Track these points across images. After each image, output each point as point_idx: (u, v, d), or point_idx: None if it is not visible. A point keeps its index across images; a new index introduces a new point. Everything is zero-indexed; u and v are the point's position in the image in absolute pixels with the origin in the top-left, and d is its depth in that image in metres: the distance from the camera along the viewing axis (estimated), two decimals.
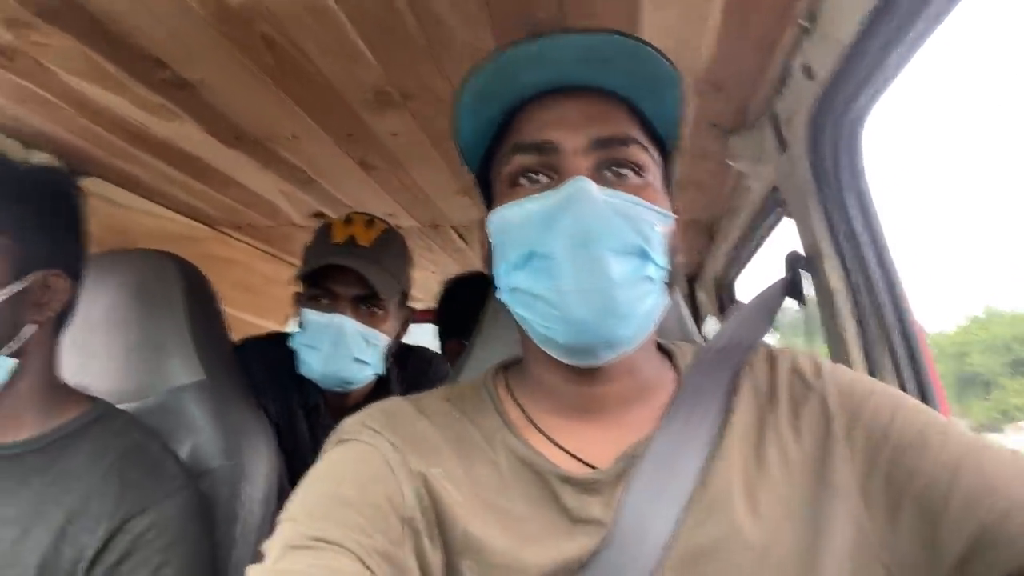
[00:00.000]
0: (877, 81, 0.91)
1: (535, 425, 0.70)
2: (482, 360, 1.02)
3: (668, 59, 0.65)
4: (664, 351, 0.77)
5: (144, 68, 1.11)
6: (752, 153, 1.32)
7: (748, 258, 1.97)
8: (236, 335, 1.45)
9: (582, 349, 0.65)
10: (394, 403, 0.73)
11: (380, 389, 1.49)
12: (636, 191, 0.65)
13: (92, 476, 0.89)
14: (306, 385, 1.45)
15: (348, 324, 1.33)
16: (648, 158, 0.68)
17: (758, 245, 1.82)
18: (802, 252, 1.15)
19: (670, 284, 0.70)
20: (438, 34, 1.00)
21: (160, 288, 1.21)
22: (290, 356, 1.41)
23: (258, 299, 2.47)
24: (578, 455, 0.67)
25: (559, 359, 0.67)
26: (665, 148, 0.73)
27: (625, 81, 0.67)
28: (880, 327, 1.03)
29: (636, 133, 0.68)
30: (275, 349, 1.47)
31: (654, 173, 0.69)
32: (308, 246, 1.44)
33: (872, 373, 1.01)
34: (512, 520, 0.64)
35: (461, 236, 2.16)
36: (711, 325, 2.40)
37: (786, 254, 1.12)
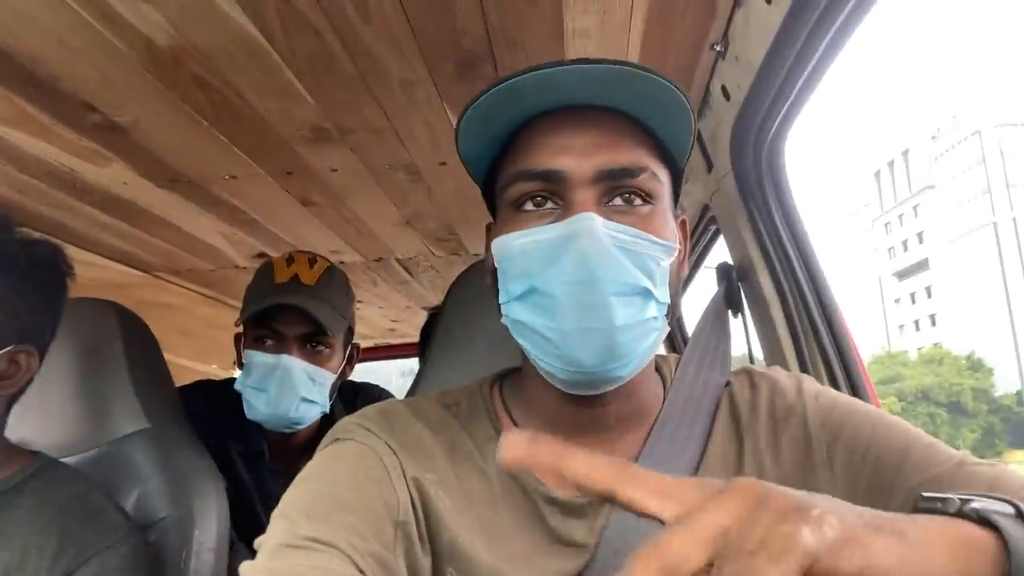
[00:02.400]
0: (789, 99, 0.96)
1: None
2: (433, 379, 1.04)
3: (680, 89, 0.62)
4: (655, 366, 0.77)
5: (73, 112, 1.10)
6: (683, 174, 1.37)
7: (689, 278, 2.03)
8: (179, 382, 1.42)
9: (581, 384, 0.64)
10: (391, 405, 0.72)
11: (325, 428, 1.46)
12: (644, 222, 0.63)
13: (31, 530, 0.87)
14: (246, 431, 1.42)
15: (295, 364, 1.32)
16: (657, 184, 0.65)
17: (698, 263, 1.87)
18: (732, 263, 1.20)
19: (670, 313, 0.68)
20: (371, 68, 1.02)
21: (99, 336, 1.19)
22: (225, 402, 1.38)
23: (200, 344, 2.42)
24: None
25: (557, 388, 0.66)
26: (675, 166, 0.70)
27: (635, 102, 0.64)
28: (812, 332, 1.07)
29: (647, 159, 0.64)
30: (210, 396, 1.45)
31: (664, 198, 0.66)
32: (250, 287, 1.43)
33: (805, 373, 1.05)
34: (498, 534, 0.64)
35: (406, 268, 2.16)
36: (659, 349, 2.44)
37: (717, 267, 1.17)
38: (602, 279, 0.60)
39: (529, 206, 0.65)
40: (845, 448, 0.65)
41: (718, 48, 0.99)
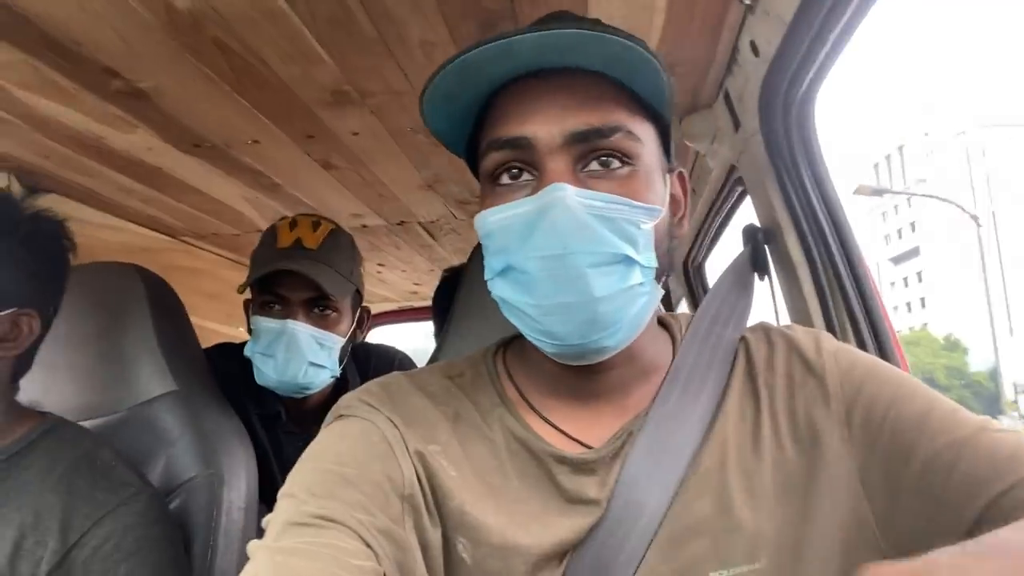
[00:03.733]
0: (821, 56, 0.93)
1: (531, 405, 0.69)
2: (457, 345, 1.04)
3: (649, 49, 0.60)
4: (662, 323, 0.76)
5: (96, 79, 1.10)
6: (709, 133, 1.35)
7: (715, 239, 2.00)
8: (206, 344, 1.44)
9: (570, 356, 0.64)
10: (393, 379, 0.72)
11: (339, 392, 1.48)
12: (622, 184, 0.61)
13: (42, 490, 0.88)
14: (263, 394, 1.43)
15: (300, 329, 1.32)
16: (635, 143, 0.62)
17: (723, 225, 1.84)
18: (759, 225, 1.18)
19: (664, 273, 0.67)
20: (391, 30, 1.01)
21: (125, 300, 1.20)
22: (244, 366, 1.40)
23: (226, 307, 2.45)
24: (574, 436, 0.67)
25: (551, 358, 0.66)
26: (658, 117, 0.67)
27: (603, 63, 0.61)
28: (841, 295, 1.05)
29: (621, 116, 0.62)
30: (228, 359, 1.46)
31: (646, 155, 0.64)
32: (255, 252, 1.43)
33: None
34: (507, 500, 0.64)
35: (429, 232, 2.16)
36: (683, 308, 2.43)
37: (743, 228, 1.15)
38: (576, 251, 0.59)
39: (505, 178, 0.64)
40: (864, 408, 0.63)
41: (747, 2, 0.96)
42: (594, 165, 0.62)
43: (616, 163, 0.62)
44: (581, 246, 0.59)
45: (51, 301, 0.97)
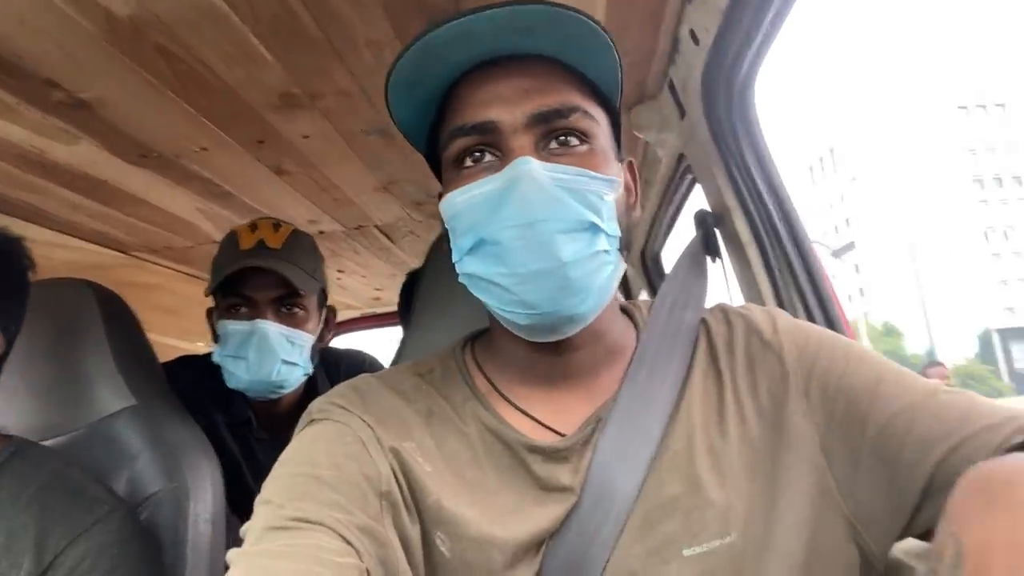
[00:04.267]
0: (757, 41, 0.96)
1: (503, 395, 0.71)
2: (419, 343, 1.04)
3: (599, 24, 0.63)
4: (624, 311, 0.78)
5: (37, 91, 1.08)
6: (656, 123, 1.37)
7: (669, 227, 2.03)
8: (163, 360, 1.42)
9: (543, 328, 0.65)
10: (363, 380, 0.73)
11: (309, 394, 1.48)
12: (582, 160, 0.64)
13: (14, 512, 0.87)
14: (232, 401, 1.42)
15: (270, 328, 1.32)
16: (592, 123, 0.66)
17: (676, 213, 1.88)
18: (709, 210, 1.21)
19: (626, 246, 0.69)
20: (337, 30, 1.01)
21: (78, 317, 1.18)
22: (209, 374, 1.38)
23: (185, 322, 2.41)
24: (546, 423, 0.68)
25: (523, 336, 0.67)
26: (610, 106, 0.71)
27: (556, 46, 0.64)
28: (789, 271, 1.09)
29: (577, 99, 0.65)
30: (193, 370, 1.45)
31: (601, 136, 0.67)
32: (216, 258, 1.42)
33: None
34: (483, 492, 0.65)
35: (387, 235, 2.15)
36: (643, 299, 2.46)
37: (695, 214, 1.18)
38: (545, 219, 0.61)
39: (468, 162, 0.66)
40: (819, 379, 0.66)
41: None
42: (554, 144, 0.65)
43: (575, 141, 0.65)
44: (550, 214, 0.61)
45: (12, 319, 0.95)
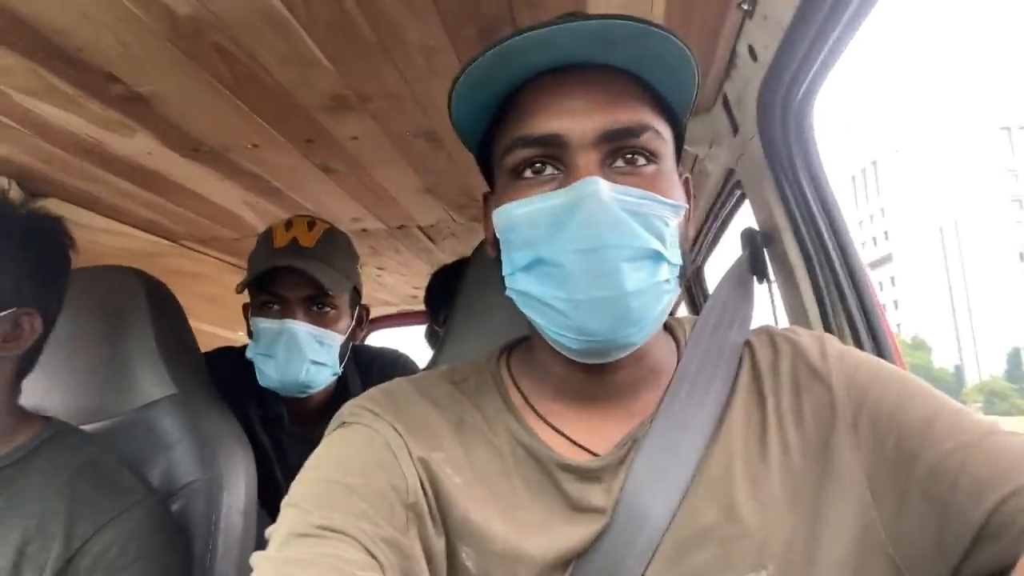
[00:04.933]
0: (818, 61, 0.93)
1: (537, 411, 0.69)
2: (456, 348, 1.04)
3: (681, 40, 0.60)
4: (667, 328, 0.76)
5: (96, 83, 1.10)
6: (707, 137, 1.35)
7: (714, 243, 2.00)
8: (207, 349, 1.44)
9: (594, 353, 0.64)
10: (396, 385, 0.72)
11: (340, 392, 1.49)
12: (649, 182, 0.62)
13: (46, 495, 0.88)
14: (264, 396, 1.44)
15: (300, 328, 1.32)
16: (661, 142, 0.64)
17: (722, 229, 1.85)
18: (758, 229, 1.18)
19: (682, 275, 0.66)
20: (390, 34, 1.01)
21: (125, 304, 1.20)
22: (246, 367, 1.40)
23: (226, 312, 2.45)
24: (580, 442, 0.66)
25: (568, 357, 0.65)
26: (678, 123, 0.68)
27: (635, 59, 0.61)
28: (839, 298, 1.05)
29: (649, 117, 0.63)
30: (229, 362, 1.46)
31: (668, 156, 0.65)
32: (251, 254, 1.44)
33: None
34: (512, 507, 0.63)
35: (428, 236, 2.16)
36: (683, 313, 2.43)
37: (742, 232, 1.15)
38: (611, 245, 0.59)
39: (528, 173, 0.63)
40: (870, 412, 0.63)
41: (745, 7, 0.96)
42: (620, 163, 0.62)
43: (643, 161, 0.63)
44: (616, 240, 0.59)
45: (52, 299, 0.97)
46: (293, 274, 1.32)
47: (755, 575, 0.59)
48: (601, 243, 0.59)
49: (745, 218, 1.44)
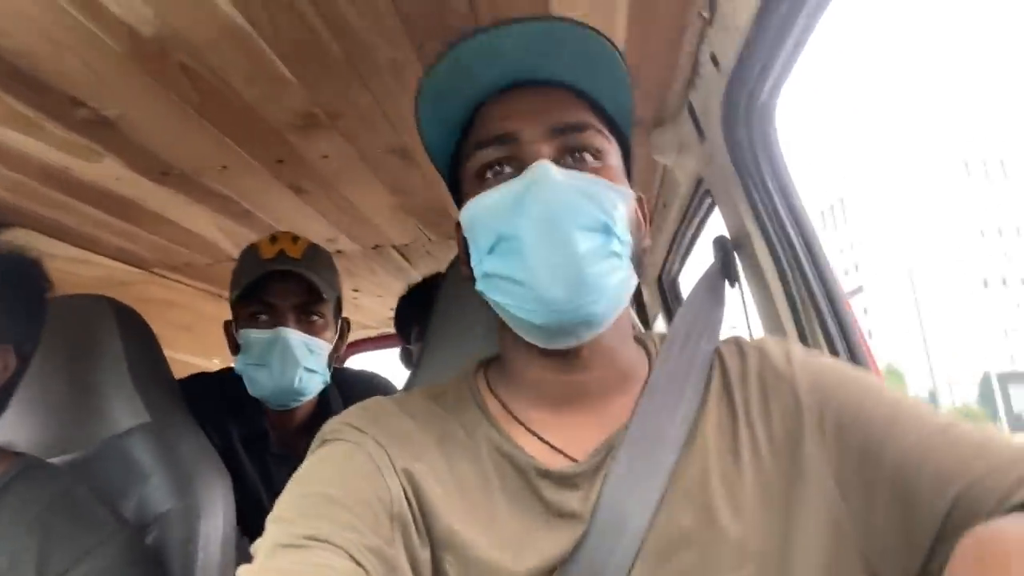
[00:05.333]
0: (778, 65, 0.95)
1: (515, 418, 0.70)
2: (434, 366, 1.03)
3: (620, 53, 0.68)
4: (638, 341, 0.78)
5: (61, 108, 1.09)
6: (675, 146, 1.37)
7: (687, 252, 2.02)
8: (179, 377, 1.42)
9: (559, 329, 0.65)
10: (376, 402, 0.73)
11: (322, 412, 1.50)
12: (596, 173, 0.67)
13: (17, 533, 0.86)
14: (248, 415, 1.43)
15: (292, 335, 1.34)
16: (605, 142, 0.70)
17: (694, 237, 1.86)
18: (728, 236, 1.19)
19: (637, 267, 0.71)
20: (357, 50, 1.01)
21: (96, 332, 1.19)
22: (224, 389, 1.40)
23: (202, 340, 2.42)
24: (558, 447, 0.67)
25: (537, 343, 0.68)
26: (622, 136, 0.75)
27: (576, 69, 0.69)
28: (811, 301, 1.06)
29: (592, 120, 0.70)
30: (208, 386, 1.46)
31: (613, 158, 0.71)
32: (236, 270, 1.43)
33: (805, 345, 1.05)
34: (493, 517, 0.64)
35: (404, 256, 2.16)
36: (660, 325, 2.44)
37: (713, 239, 1.16)
38: (563, 216, 0.64)
39: (489, 175, 0.69)
40: (834, 412, 0.65)
41: (705, 14, 0.98)
42: (569, 160, 0.68)
43: (590, 157, 0.69)
44: (566, 211, 0.64)
45: (28, 337, 0.96)
46: (284, 281, 1.34)
47: (736, 575, 0.60)
48: (553, 214, 0.64)
49: (716, 226, 1.46)
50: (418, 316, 1.87)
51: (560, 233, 0.63)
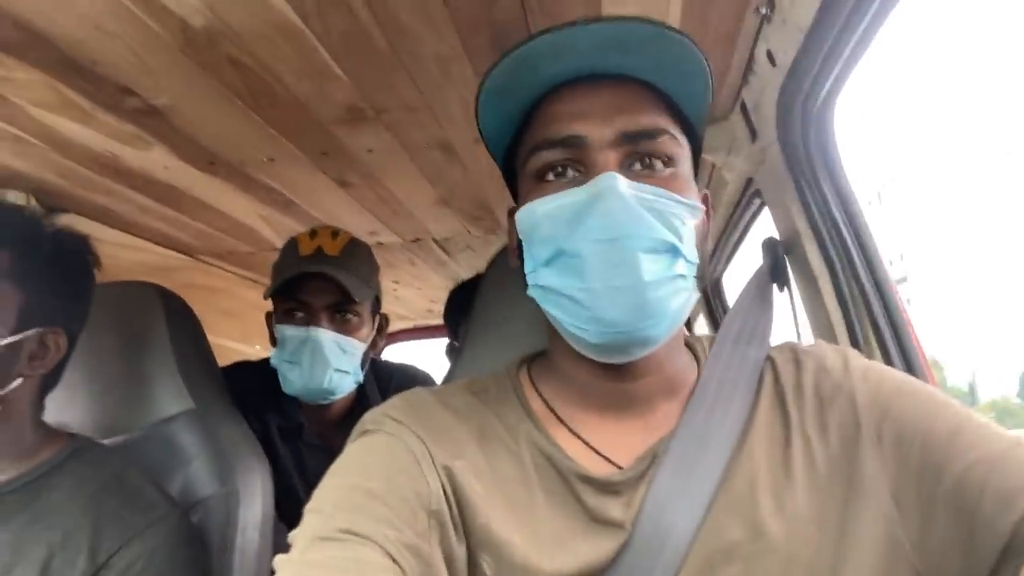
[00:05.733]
0: (838, 65, 0.92)
1: (559, 418, 0.69)
2: (473, 361, 1.03)
3: (695, 43, 0.62)
4: (687, 345, 0.76)
5: (112, 97, 1.10)
6: (725, 145, 1.33)
7: (732, 253, 1.98)
8: (224, 363, 1.44)
9: (613, 348, 0.63)
10: (417, 394, 0.72)
11: (360, 404, 1.51)
12: (666, 184, 0.63)
13: (71, 510, 0.88)
14: (285, 406, 1.45)
15: (324, 336, 1.34)
16: (678, 148, 0.66)
17: (740, 238, 1.82)
18: (778, 238, 1.16)
19: (700, 277, 0.68)
20: (405, 45, 1.00)
21: (142, 319, 1.21)
22: (264, 379, 1.42)
23: (244, 325, 2.46)
24: (602, 452, 0.66)
25: (590, 356, 0.66)
26: (694, 135, 0.70)
27: (651, 67, 0.64)
28: (865, 307, 1.03)
29: (665, 123, 0.65)
30: (250, 375, 1.48)
31: (684, 163, 0.67)
32: (276, 263, 1.45)
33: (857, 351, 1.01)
34: (532, 518, 0.63)
35: (444, 249, 2.16)
36: (701, 326, 2.40)
37: (763, 241, 1.13)
38: (629, 235, 0.60)
39: (551, 176, 0.66)
40: (894, 426, 0.62)
41: (763, 11, 0.95)
42: (638, 166, 0.64)
43: (660, 164, 0.65)
44: (633, 230, 0.61)
45: (77, 318, 0.98)
46: (319, 281, 1.34)
47: None
48: (619, 233, 0.60)
49: (764, 228, 1.42)
50: (467, 312, 1.87)
51: (625, 255, 0.60)
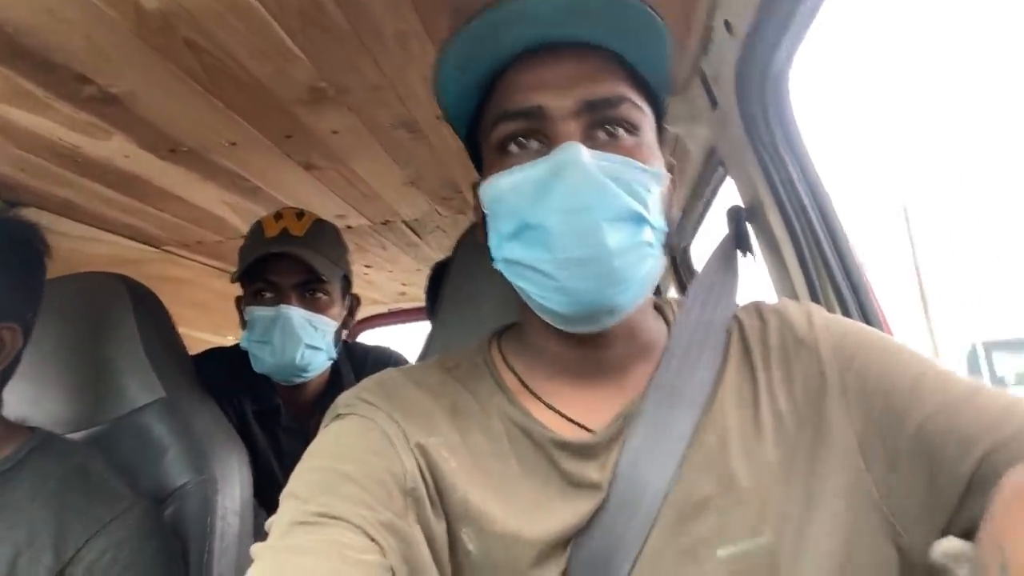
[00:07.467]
0: (793, 31, 0.93)
1: (531, 390, 0.70)
2: (446, 339, 1.04)
3: (654, 10, 0.62)
4: (656, 308, 0.77)
5: (67, 85, 1.08)
6: (687, 115, 1.34)
7: (698, 222, 2.00)
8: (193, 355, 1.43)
9: (582, 317, 0.64)
10: (389, 374, 0.72)
11: (335, 386, 1.52)
12: (630, 151, 0.63)
13: (34, 506, 0.87)
14: (259, 389, 1.45)
15: (294, 312, 1.35)
16: (641, 115, 0.66)
17: (706, 207, 1.84)
18: (743, 206, 1.18)
19: (667, 245, 0.68)
20: (365, 23, 1.00)
21: (110, 309, 1.19)
22: (237, 364, 1.42)
23: (215, 317, 2.43)
24: (575, 419, 0.67)
25: (558, 327, 0.66)
26: (657, 102, 0.70)
27: (612, 34, 0.64)
28: (825, 268, 1.05)
29: (627, 90, 0.65)
30: (222, 361, 1.48)
31: (648, 130, 0.67)
32: (242, 247, 1.46)
33: None
34: (509, 488, 0.64)
35: (414, 231, 2.15)
36: (672, 295, 2.43)
37: (727, 210, 1.15)
38: (592, 206, 0.60)
39: (513, 147, 0.65)
40: (858, 375, 0.64)
41: None
42: (601, 134, 0.64)
43: (623, 132, 0.65)
44: (597, 200, 0.61)
45: (31, 311, 0.96)
46: (285, 260, 1.35)
47: (752, 542, 0.60)
48: (582, 204, 0.60)
49: (728, 196, 1.44)
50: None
51: (589, 225, 0.60)
